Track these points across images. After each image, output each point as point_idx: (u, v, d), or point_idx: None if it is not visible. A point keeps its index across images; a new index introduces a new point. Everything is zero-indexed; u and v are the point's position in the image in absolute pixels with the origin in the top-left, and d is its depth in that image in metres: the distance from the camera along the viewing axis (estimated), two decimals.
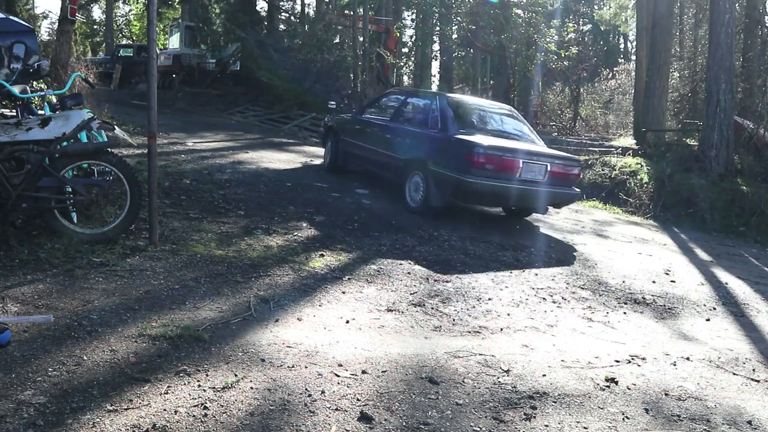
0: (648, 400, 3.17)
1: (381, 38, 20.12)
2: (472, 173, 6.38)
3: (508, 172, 6.50)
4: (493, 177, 6.45)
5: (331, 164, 9.02)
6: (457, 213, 7.60)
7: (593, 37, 35.49)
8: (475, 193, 6.59)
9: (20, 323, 3.17)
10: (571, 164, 7.06)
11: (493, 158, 6.43)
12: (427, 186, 6.84)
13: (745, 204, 9.65)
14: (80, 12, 31.28)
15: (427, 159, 6.90)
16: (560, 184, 6.89)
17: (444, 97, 7.55)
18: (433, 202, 6.83)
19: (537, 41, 16.89)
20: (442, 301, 4.35)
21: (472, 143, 6.49)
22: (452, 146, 6.72)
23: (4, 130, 4.34)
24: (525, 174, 6.56)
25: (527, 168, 6.57)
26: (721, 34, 10.81)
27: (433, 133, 7.06)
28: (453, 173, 6.51)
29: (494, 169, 6.43)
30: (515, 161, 6.52)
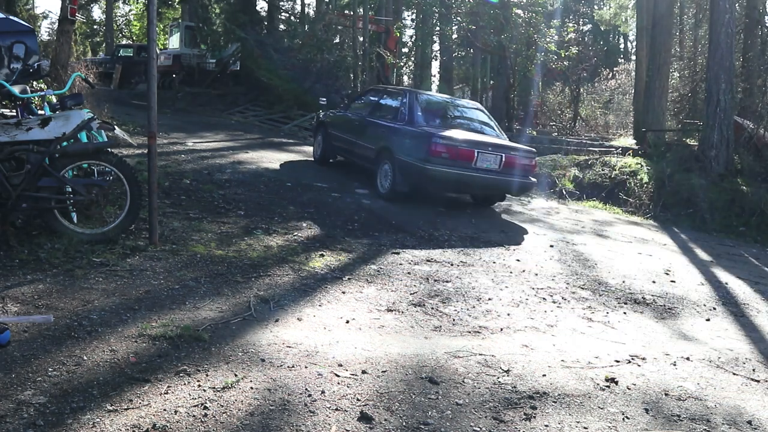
0: (648, 400, 3.17)
1: (381, 38, 20.12)
2: (431, 161, 7.06)
3: (464, 160, 7.18)
4: (451, 165, 7.11)
5: (321, 156, 9.73)
6: (458, 214, 7.61)
7: (593, 37, 35.49)
8: (434, 180, 7.20)
9: (20, 323, 3.17)
10: (526, 155, 7.67)
11: (449, 148, 7.12)
12: (394, 173, 7.49)
13: (745, 204, 9.65)
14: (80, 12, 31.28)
15: (394, 149, 7.56)
16: (516, 174, 7.51)
17: (413, 93, 8.45)
18: (399, 188, 7.50)
19: (537, 41, 16.90)
20: (442, 301, 4.35)
21: (430, 134, 7.23)
22: (414, 137, 7.43)
23: (4, 130, 4.34)
24: (480, 163, 7.26)
25: (482, 158, 7.27)
26: (721, 34, 10.81)
27: (400, 126, 7.77)
28: (415, 161, 7.18)
29: (450, 157, 7.11)
30: (471, 151, 7.22)
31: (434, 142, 7.09)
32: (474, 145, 7.31)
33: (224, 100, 18.46)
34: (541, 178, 11.49)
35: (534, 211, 8.73)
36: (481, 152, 7.27)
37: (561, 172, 11.53)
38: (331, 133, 9.39)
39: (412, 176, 7.33)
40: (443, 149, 7.09)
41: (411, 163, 7.24)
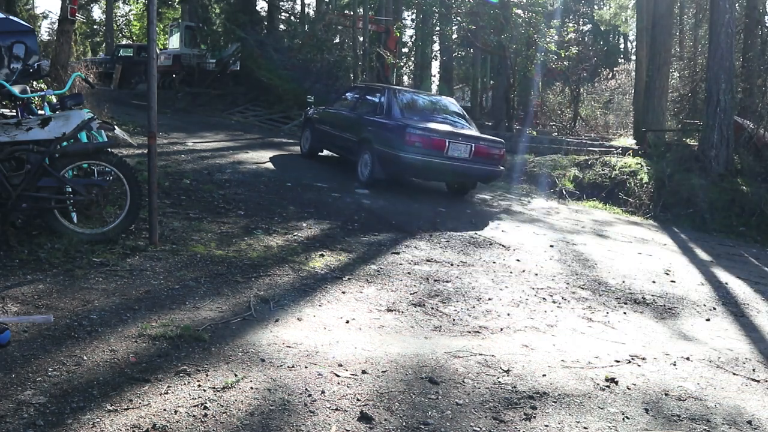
0: (648, 400, 3.17)
1: (381, 38, 20.11)
2: (406, 150, 7.73)
3: (437, 149, 7.82)
4: (424, 154, 7.77)
5: (308, 150, 10.41)
6: (458, 214, 7.61)
7: (593, 37, 35.48)
8: (409, 167, 7.95)
9: (20, 323, 3.17)
10: (495, 145, 8.33)
11: (423, 138, 7.79)
12: (373, 162, 8.17)
13: (745, 204, 9.65)
14: (80, 12, 31.28)
15: (373, 140, 8.25)
16: (485, 163, 8.20)
17: (391, 89, 9.24)
18: (377, 175, 8.17)
19: (537, 41, 16.90)
20: (442, 301, 4.35)
21: (405, 125, 7.90)
22: (391, 129, 8.09)
23: (4, 130, 4.34)
24: (452, 152, 7.90)
25: (453, 147, 7.91)
26: (721, 34, 10.81)
27: (379, 119, 8.47)
28: (391, 151, 7.86)
29: (424, 146, 7.77)
30: (442, 141, 7.88)
31: (409, 133, 7.75)
32: (445, 135, 7.96)
33: (224, 100, 18.47)
34: (541, 178, 11.50)
35: (534, 211, 8.73)
36: (452, 142, 7.91)
37: (561, 172, 11.53)
38: (318, 128, 10.03)
39: (389, 164, 7.99)
40: (417, 139, 7.74)
41: (388, 152, 7.90)
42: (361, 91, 9.83)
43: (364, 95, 9.53)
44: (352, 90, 10.41)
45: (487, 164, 8.21)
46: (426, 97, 9.70)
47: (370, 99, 9.18)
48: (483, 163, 8.16)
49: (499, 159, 8.37)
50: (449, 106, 9.40)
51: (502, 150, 8.39)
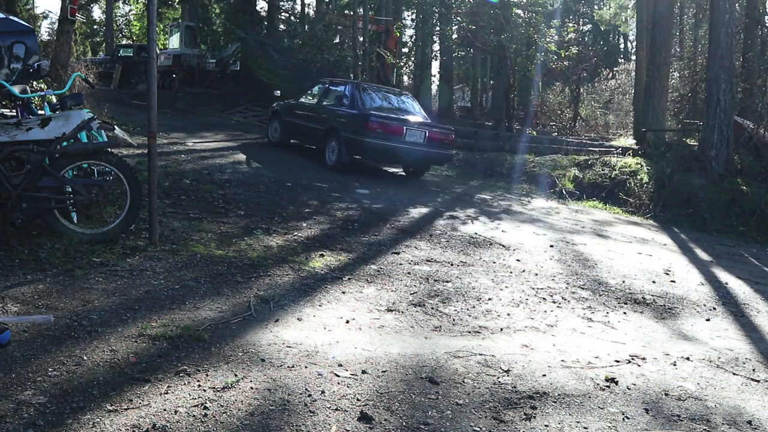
0: (648, 400, 3.17)
1: (381, 38, 20.10)
2: (368, 136, 8.79)
3: (396, 135, 8.98)
4: (384, 139, 8.88)
5: (278, 140, 11.30)
6: (458, 214, 7.61)
7: (593, 37, 35.49)
8: (371, 151, 9.09)
9: (20, 323, 3.17)
10: (446, 131, 9.69)
11: (383, 125, 8.88)
12: (339, 148, 9.14)
13: (745, 204, 9.65)
14: (80, 12, 31.27)
15: (339, 128, 9.25)
16: (438, 147, 9.47)
17: (354, 83, 10.47)
18: (344, 159, 9.15)
19: (537, 41, 16.89)
20: (442, 301, 4.35)
21: (368, 114, 8.98)
22: (356, 117, 9.13)
23: (4, 130, 4.34)
24: (408, 137, 9.08)
25: (410, 133, 9.11)
26: (721, 34, 10.81)
27: (345, 109, 9.53)
28: (356, 136, 8.89)
29: (384, 132, 8.87)
30: (401, 127, 9.04)
31: (371, 120, 8.81)
32: (403, 122, 9.13)
33: (224, 100, 18.47)
34: (541, 178, 11.50)
35: (534, 211, 8.73)
36: (409, 128, 9.10)
37: (561, 172, 11.53)
38: (286, 120, 11.00)
39: (354, 149, 9.06)
40: (378, 126, 8.80)
41: (353, 138, 8.92)
42: (326, 84, 10.83)
43: (329, 89, 10.56)
44: (317, 84, 11.32)
45: (440, 148, 9.49)
46: (386, 92, 10.80)
47: (336, 92, 10.26)
48: (436, 147, 9.39)
49: (450, 144, 9.75)
50: (406, 100, 10.63)
51: (452, 136, 9.75)
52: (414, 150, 9.16)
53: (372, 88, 10.72)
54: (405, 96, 10.87)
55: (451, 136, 9.67)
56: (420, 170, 10.25)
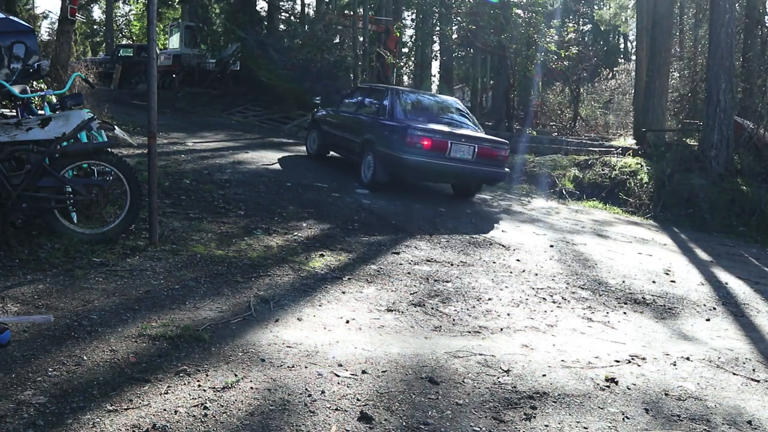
0: (648, 400, 3.17)
1: (381, 38, 20.10)
2: (407, 151, 7.57)
3: (439, 151, 7.66)
4: (425, 155, 7.60)
5: (316, 151, 10.32)
6: (458, 214, 7.61)
7: (593, 37, 35.47)
8: (409, 169, 7.77)
9: (20, 323, 3.17)
10: (499, 146, 8.17)
11: (424, 139, 7.61)
12: (375, 164, 8.03)
13: (745, 204, 9.65)
14: (80, 12, 31.27)
15: (375, 141, 8.13)
16: (489, 164, 8.03)
17: (395, 90, 9.09)
18: (379, 177, 8.01)
19: (537, 41, 16.89)
20: (442, 301, 4.35)
21: (406, 126, 7.74)
22: (393, 129, 7.94)
23: (4, 130, 4.34)
24: (454, 153, 7.73)
25: (456, 148, 7.73)
26: (721, 34, 10.81)
27: (381, 120, 8.33)
28: (393, 152, 7.69)
29: (425, 148, 7.59)
30: (444, 142, 7.70)
31: (410, 134, 7.60)
32: (447, 136, 7.78)
33: (224, 100, 18.47)
34: (541, 178, 11.50)
35: (534, 211, 8.73)
36: (455, 143, 7.74)
37: (561, 172, 11.53)
38: (325, 130, 9.97)
39: (391, 166, 7.86)
40: (418, 140, 7.58)
41: (389, 153, 7.74)
42: (365, 92, 9.68)
43: (367, 96, 9.38)
44: (357, 91, 10.24)
45: (491, 166, 8.04)
46: (430, 98, 9.51)
47: (374, 100, 9.03)
48: (487, 165, 7.99)
49: (504, 160, 8.24)
50: (454, 107, 9.23)
51: (506, 151, 8.27)
52: (461, 168, 7.86)
53: (414, 94, 9.45)
54: (453, 103, 9.50)
55: (505, 152, 8.24)
56: (469, 190, 8.85)
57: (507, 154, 8.36)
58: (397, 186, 8.64)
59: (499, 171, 8.17)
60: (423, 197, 8.42)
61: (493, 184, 8.95)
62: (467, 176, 8.18)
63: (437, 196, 8.78)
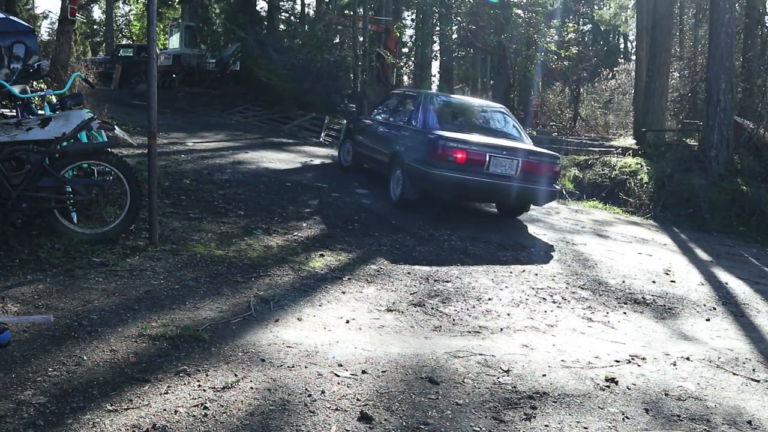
0: (648, 400, 3.17)
1: (381, 38, 20.10)
2: (436, 165, 6.51)
3: (475, 165, 6.54)
4: (458, 170, 6.51)
5: (351, 163, 9.27)
6: (458, 214, 7.61)
7: (593, 37, 35.47)
8: (440, 186, 6.62)
9: (20, 323, 3.17)
10: (548, 160, 6.97)
11: (457, 151, 6.51)
12: (404, 180, 7.03)
13: (745, 204, 9.65)
14: (80, 12, 31.27)
15: (403, 153, 7.12)
16: (536, 181, 6.81)
17: (428, 95, 7.91)
18: (408, 195, 7.00)
19: (537, 41, 16.90)
20: (442, 301, 4.35)
21: (436, 136, 6.67)
22: (421, 140, 6.92)
23: (4, 130, 4.34)
24: (494, 168, 6.59)
25: (496, 162, 6.60)
26: (721, 34, 10.81)
27: (410, 129, 7.33)
28: (420, 166, 6.68)
29: (458, 161, 6.50)
30: (482, 154, 6.57)
31: (440, 145, 6.53)
32: (486, 148, 6.64)
33: (224, 100, 18.46)
34: None
35: (534, 211, 8.73)
36: (494, 156, 6.58)
37: (561, 172, 11.53)
38: (357, 140, 9.03)
39: (419, 182, 6.81)
40: (450, 152, 6.49)
41: (417, 168, 6.72)
42: (398, 98, 8.75)
43: (399, 103, 8.43)
44: (391, 97, 9.19)
45: (539, 183, 6.84)
46: (470, 104, 8.59)
47: (405, 107, 8.07)
48: (534, 182, 6.78)
49: (554, 176, 7.10)
50: (498, 114, 8.13)
51: (557, 166, 7.13)
52: (502, 186, 6.67)
53: (450, 99, 8.37)
54: (499, 110, 8.29)
55: (555, 166, 7.05)
56: (516, 210, 7.68)
57: (558, 168, 7.21)
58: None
59: (549, 189, 6.98)
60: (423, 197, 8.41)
61: (542, 204, 7.46)
62: (510, 195, 6.92)
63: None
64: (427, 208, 7.17)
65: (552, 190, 7.08)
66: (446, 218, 7.09)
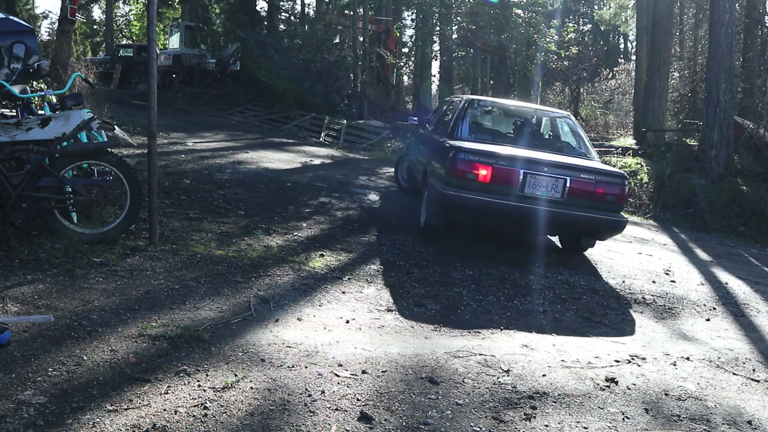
0: (648, 400, 3.17)
1: (381, 38, 20.11)
2: (453, 184, 5.29)
3: (504, 184, 5.23)
4: (481, 190, 5.24)
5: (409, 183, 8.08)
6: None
7: (593, 37, 35.46)
8: (457, 210, 5.40)
9: (20, 323, 3.17)
10: (608, 180, 5.38)
11: (478, 166, 5.23)
12: (428, 202, 6.00)
13: (745, 204, 9.65)
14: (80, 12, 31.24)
15: (430, 171, 6.07)
16: (590, 206, 5.33)
17: (471, 101, 6.65)
18: (431, 220, 5.88)
19: (537, 41, 16.88)
20: (442, 301, 4.34)
21: (453, 147, 5.44)
22: (442, 153, 5.68)
23: (4, 130, 4.34)
24: (531, 189, 5.22)
25: (534, 181, 5.21)
26: (721, 34, 10.81)
27: (439, 141, 6.15)
28: (438, 185, 5.47)
29: (480, 179, 5.23)
30: (512, 171, 5.23)
31: (458, 159, 5.27)
32: (520, 162, 5.28)
33: (224, 100, 18.48)
34: None
35: None
36: (531, 173, 5.22)
37: None
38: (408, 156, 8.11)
39: (438, 206, 5.59)
40: (469, 168, 5.23)
41: (435, 187, 5.55)
42: (446, 104, 7.58)
43: (446, 110, 7.25)
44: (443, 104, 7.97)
45: (594, 209, 5.33)
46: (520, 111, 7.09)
47: (447, 115, 6.86)
48: (586, 208, 5.31)
49: (617, 201, 5.42)
50: (556, 124, 6.83)
51: (621, 188, 5.41)
52: (542, 211, 5.21)
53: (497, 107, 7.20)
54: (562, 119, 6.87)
55: (618, 188, 5.39)
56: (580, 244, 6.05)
57: (623, 192, 5.46)
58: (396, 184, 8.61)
59: (610, 218, 5.37)
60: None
61: (602, 237, 5.90)
62: (554, 225, 5.45)
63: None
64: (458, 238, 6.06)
65: (615, 220, 5.42)
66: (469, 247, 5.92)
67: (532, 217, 5.27)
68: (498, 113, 7.05)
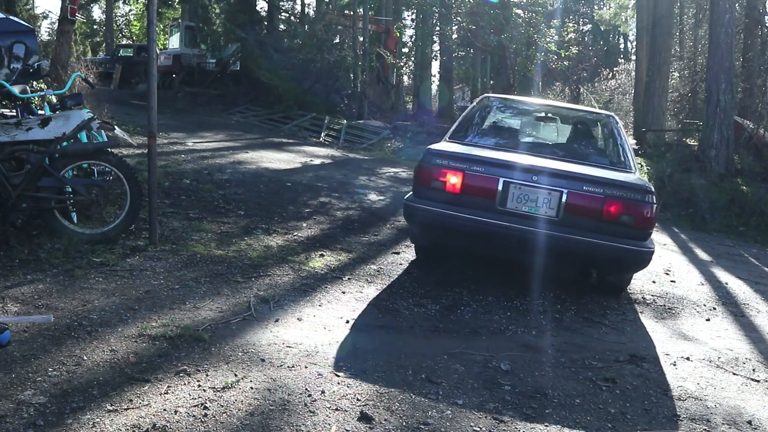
0: (648, 400, 3.17)
1: (381, 38, 20.12)
2: (421, 195, 4.38)
3: (478, 196, 4.20)
4: (448, 202, 4.25)
5: None
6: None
7: (593, 37, 35.48)
8: (424, 228, 4.52)
9: (20, 323, 3.17)
10: (627, 196, 4.11)
11: (445, 171, 4.24)
12: None
13: (745, 204, 9.65)
14: (80, 12, 31.24)
15: None
16: (596, 228, 4.11)
17: (486, 98, 5.91)
18: (416, 240, 5.04)
19: (537, 41, 16.89)
20: (442, 301, 4.34)
21: (428, 152, 4.45)
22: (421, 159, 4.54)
23: (4, 130, 4.34)
24: (515, 203, 4.15)
25: (518, 193, 4.15)
26: (721, 34, 10.81)
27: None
28: (409, 198, 4.52)
29: (447, 189, 4.25)
30: (488, 179, 4.17)
31: (423, 162, 4.38)
32: (501, 169, 4.21)
33: (224, 100, 18.48)
34: None
35: None
36: (516, 183, 4.15)
37: None
38: None
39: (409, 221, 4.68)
40: (437, 174, 4.27)
41: (406, 202, 4.52)
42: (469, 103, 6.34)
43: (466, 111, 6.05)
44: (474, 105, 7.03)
45: (602, 232, 4.12)
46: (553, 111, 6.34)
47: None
48: (590, 231, 4.12)
49: (641, 226, 4.15)
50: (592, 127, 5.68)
51: (643, 206, 4.13)
52: (530, 234, 4.11)
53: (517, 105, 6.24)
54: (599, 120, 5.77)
55: (638, 206, 4.11)
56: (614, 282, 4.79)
57: (646, 211, 4.14)
58: (397, 184, 8.62)
59: (623, 246, 4.11)
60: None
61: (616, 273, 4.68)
62: (545, 250, 4.18)
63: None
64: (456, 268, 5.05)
65: (634, 250, 4.14)
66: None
67: (515, 240, 4.17)
68: (519, 114, 6.04)
